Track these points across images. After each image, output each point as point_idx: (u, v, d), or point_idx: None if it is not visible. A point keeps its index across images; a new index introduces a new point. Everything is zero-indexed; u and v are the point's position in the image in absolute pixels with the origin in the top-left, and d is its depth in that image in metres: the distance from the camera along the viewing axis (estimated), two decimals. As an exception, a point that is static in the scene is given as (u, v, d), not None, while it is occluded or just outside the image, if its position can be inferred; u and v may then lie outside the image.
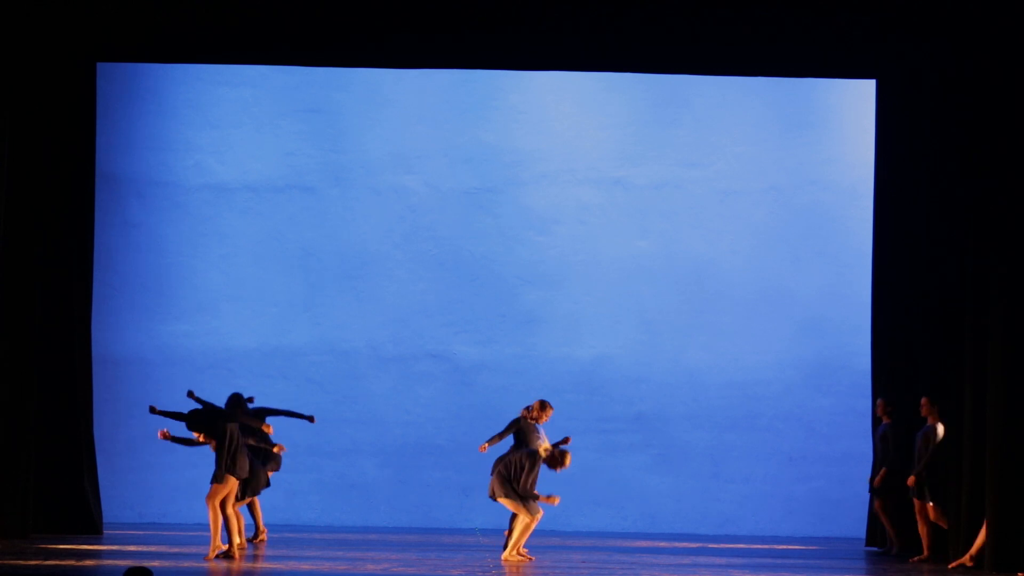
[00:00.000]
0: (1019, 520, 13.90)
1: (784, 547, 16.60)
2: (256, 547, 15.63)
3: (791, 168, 18.78)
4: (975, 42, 14.67)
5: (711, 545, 16.72)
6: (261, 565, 14.06)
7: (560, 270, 18.78)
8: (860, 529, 17.24)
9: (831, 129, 18.79)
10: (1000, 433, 14.00)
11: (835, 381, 18.09)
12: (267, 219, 18.74)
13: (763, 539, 17.47)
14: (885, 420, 16.11)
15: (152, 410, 14.53)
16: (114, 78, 18.25)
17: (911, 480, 15.22)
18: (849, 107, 18.53)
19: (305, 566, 14.01)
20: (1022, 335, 14.04)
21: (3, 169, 15.68)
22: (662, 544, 16.88)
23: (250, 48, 16.39)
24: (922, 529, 15.43)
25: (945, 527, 15.09)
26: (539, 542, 16.36)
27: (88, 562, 14.00)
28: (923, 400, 15.23)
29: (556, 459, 14.41)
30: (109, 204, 18.25)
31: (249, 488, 15.04)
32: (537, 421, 14.77)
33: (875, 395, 16.71)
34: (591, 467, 18.51)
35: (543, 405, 14.82)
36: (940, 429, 15.12)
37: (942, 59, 15.40)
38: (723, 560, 15.30)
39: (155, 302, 18.60)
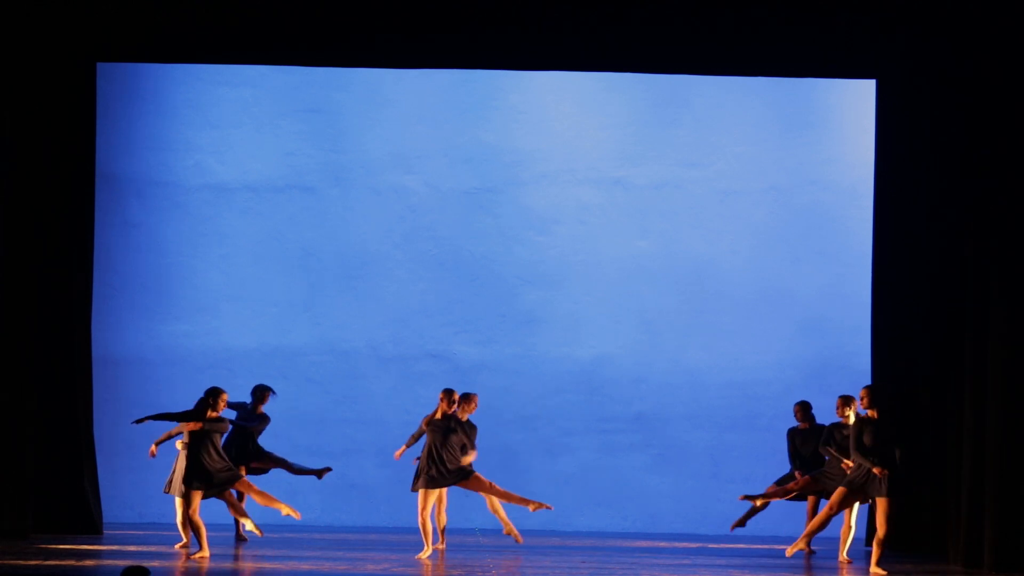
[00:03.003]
0: (1019, 520, 13.90)
1: (784, 547, 16.57)
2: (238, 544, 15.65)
3: (791, 168, 18.77)
4: (975, 42, 14.67)
5: (711, 545, 16.71)
6: (261, 565, 14.05)
7: (560, 270, 18.77)
8: (860, 529, 17.21)
9: (831, 129, 18.78)
10: (1000, 433, 14.00)
11: (835, 381, 18.04)
12: (267, 219, 18.73)
13: (763, 539, 17.45)
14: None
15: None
16: (114, 78, 18.24)
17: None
18: (849, 107, 18.52)
19: (305, 566, 14.00)
20: (1022, 335, 14.04)
21: (3, 169, 15.68)
22: (662, 544, 16.87)
23: (250, 48, 16.39)
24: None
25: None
26: (539, 542, 16.36)
27: (88, 562, 14.00)
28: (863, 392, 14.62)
29: None
30: (109, 204, 18.23)
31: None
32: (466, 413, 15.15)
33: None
34: (591, 467, 18.50)
35: (468, 397, 15.19)
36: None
37: (942, 59, 15.39)
38: (723, 560, 15.30)
39: (155, 302, 18.59)
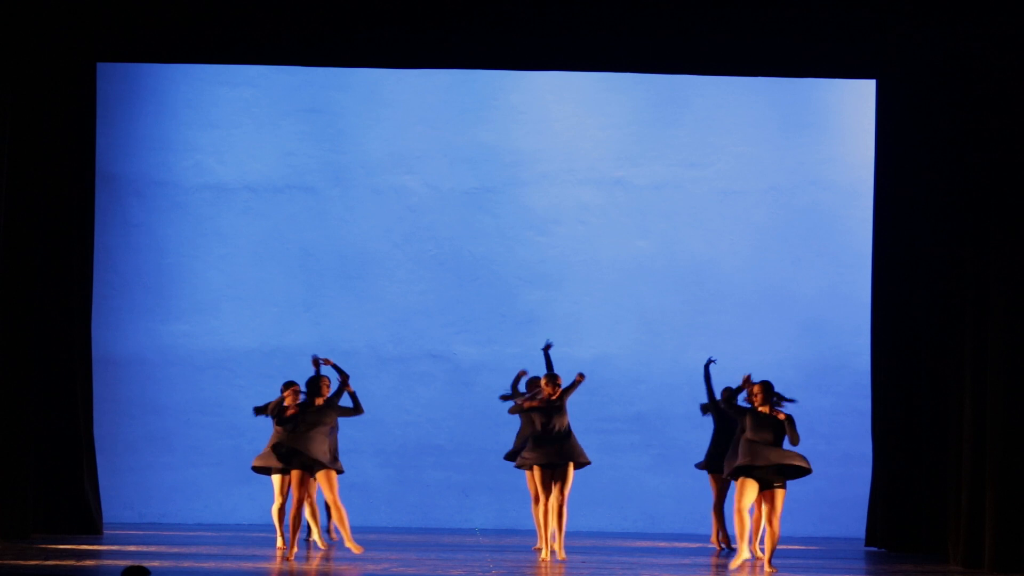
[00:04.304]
0: (1019, 520, 13.90)
1: (784, 547, 16.58)
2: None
3: (791, 168, 18.77)
4: (975, 42, 14.67)
5: (711, 545, 16.71)
6: (259, 565, 14.04)
7: (560, 270, 18.77)
8: (860, 529, 17.23)
9: (831, 129, 18.78)
10: (1000, 433, 14.00)
11: (835, 381, 18.06)
12: (267, 219, 18.73)
13: (762, 539, 17.44)
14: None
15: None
16: (114, 78, 18.24)
17: None
18: (849, 107, 18.52)
19: (305, 566, 14.00)
20: (1022, 335, 14.04)
21: (3, 169, 15.67)
22: (662, 544, 16.87)
23: (250, 48, 16.38)
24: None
25: None
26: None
27: (88, 562, 13.99)
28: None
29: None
30: (109, 204, 18.23)
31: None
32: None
33: (875, 395, 16.71)
34: (591, 467, 18.46)
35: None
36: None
37: (942, 59, 15.40)
38: (723, 560, 15.31)
39: (155, 302, 18.59)
